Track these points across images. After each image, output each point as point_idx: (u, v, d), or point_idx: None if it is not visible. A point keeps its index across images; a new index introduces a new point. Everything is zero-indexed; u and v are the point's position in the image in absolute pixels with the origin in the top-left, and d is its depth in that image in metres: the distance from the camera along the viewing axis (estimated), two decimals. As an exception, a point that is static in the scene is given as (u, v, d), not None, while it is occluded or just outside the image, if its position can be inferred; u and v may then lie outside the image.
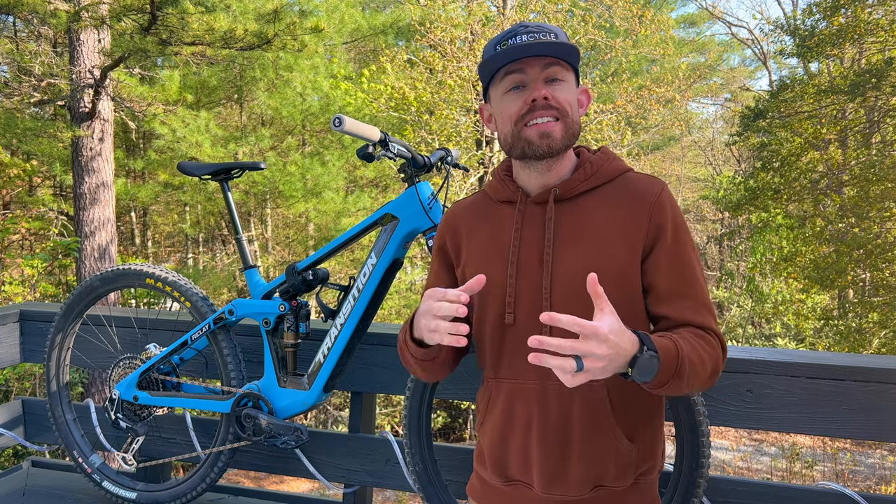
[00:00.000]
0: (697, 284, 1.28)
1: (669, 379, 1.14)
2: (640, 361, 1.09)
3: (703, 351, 1.20)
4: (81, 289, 2.33)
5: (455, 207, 1.47)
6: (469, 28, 11.40)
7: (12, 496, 2.45)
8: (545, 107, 1.26)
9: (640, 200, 1.28)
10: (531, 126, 1.27)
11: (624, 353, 1.07)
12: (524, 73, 1.28)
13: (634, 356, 1.09)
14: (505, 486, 1.37)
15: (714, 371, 1.23)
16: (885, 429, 1.71)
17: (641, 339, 1.11)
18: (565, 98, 1.28)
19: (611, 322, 1.06)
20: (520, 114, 1.28)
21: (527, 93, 1.27)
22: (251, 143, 11.70)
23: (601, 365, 1.04)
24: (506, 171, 1.41)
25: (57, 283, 9.48)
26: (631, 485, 1.32)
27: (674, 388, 1.16)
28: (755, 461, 10.92)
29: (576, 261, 1.27)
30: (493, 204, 1.41)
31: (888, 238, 11.97)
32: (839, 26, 12.06)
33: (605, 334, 1.04)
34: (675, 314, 1.26)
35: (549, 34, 1.27)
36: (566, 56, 1.27)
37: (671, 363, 1.13)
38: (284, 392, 2.05)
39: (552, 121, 1.27)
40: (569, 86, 1.30)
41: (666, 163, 22.63)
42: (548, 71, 1.27)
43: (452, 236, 1.43)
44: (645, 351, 1.10)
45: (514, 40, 1.27)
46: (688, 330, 1.24)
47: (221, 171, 2.20)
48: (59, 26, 6.48)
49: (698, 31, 24.98)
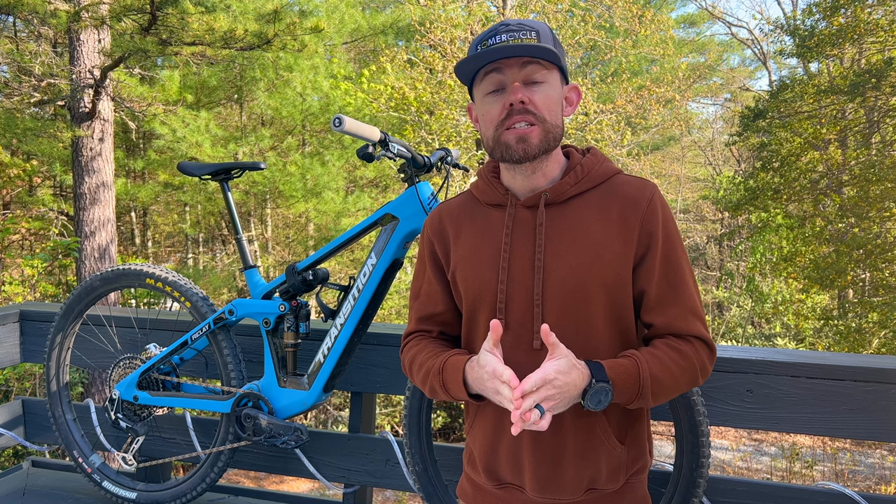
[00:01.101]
0: (686, 291, 1.29)
1: (633, 399, 1.21)
2: (589, 393, 1.17)
3: (674, 365, 1.24)
4: (81, 289, 2.32)
5: (440, 209, 1.45)
6: (469, 28, 11.40)
7: (12, 496, 2.45)
8: (522, 111, 1.24)
9: (631, 206, 1.28)
10: (511, 130, 1.25)
11: (574, 388, 1.15)
12: (502, 74, 1.26)
13: (584, 389, 1.17)
14: (497, 489, 1.36)
15: (692, 380, 1.27)
16: (885, 429, 1.71)
17: (592, 372, 1.18)
18: (543, 101, 1.25)
19: (558, 364, 1.15)
20: (499, 118, 1.26)
21: (505, 96, 1.26)
22: (251, 143, 11.70)
23: (553, 403, 1.14)
24: (492, 171, 1.39)
25: (57, 283, 9.47)
26: (622, 485, 1.32)
27: (642, 405, 1.23)
28: (755, 461, 10.92)
29: (567, 266, 1.26)
30: (480, 206, 1.38)
31: (888, 238, 11.97)
32: (839, 26, 12.06)
33: (553, 377, 1.13)
34: (660, 322, 1.29)
35: (530, 33, 1.25)
36: (544, 56, 1.24)
37: (629, 386, 1.19)
38: (284, 392, 2.05)
39: (528, 126, 1.25)
40: (549, 86, 1.27)
41: (666, 163, 22.62)
42: (525, 71, 1.25)
43: (440, 239, 1.41)
44: (594, 383, 1.17)
45: (493, 40, 1.25)
46: (665, 342, 1.27)
47: (221, 172, 2.20)
48: (59, 26, 6.48)
49: (698, 31, 24.98)
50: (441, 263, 1.42)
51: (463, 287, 1.36)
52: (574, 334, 1.25)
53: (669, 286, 1.28)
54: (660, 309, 1.28)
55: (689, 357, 1.26)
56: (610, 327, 1.27)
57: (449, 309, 1.43)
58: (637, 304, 1.31)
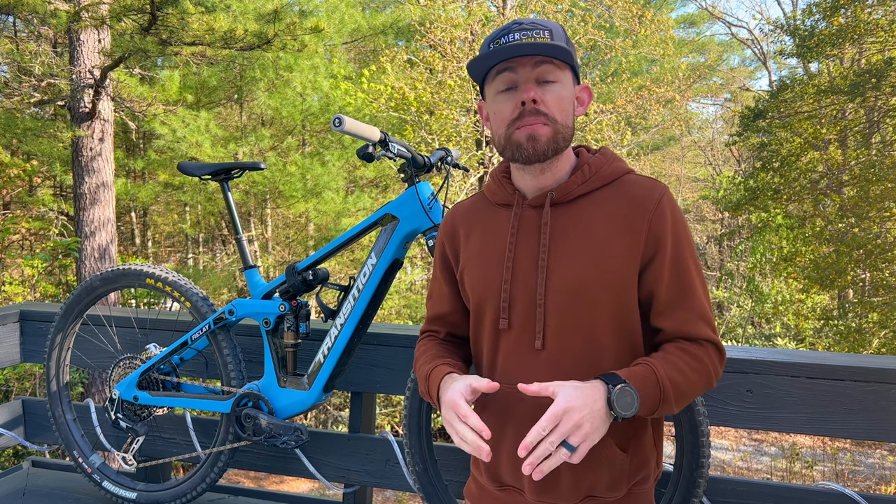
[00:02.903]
0: (695, 295, 1.26)
1: (657, 405, 1.17)
2: (614, 400, 1.12)
3: (689, 369, 1.21)
4: (81, 289, 2.32)
5: (454, 210, 1.46)
6: (469, 28, 11.40)
7: (12, 496, 2.45)
8: (534, 112, 1.24)
9: (639, 207, 1.26)
10: (521, 129, 1.25)
11: (597, 404, 1.11)
12: (515, 73, 1.25)
13: (608, 399, 1.12)
14: (498, 490, 1.36)
15: (707, 383, 1.25)
16: (885, 429, 1.71)
17: (605, 380, 1.15)
18: (555, 101, 1.25)
19: (565, 393, 1.11)
20: (511, 118, 1.26)
21: (517, 94, 1.26)
22: (251, 143, 11.70)
23: (586, 430, 1.09)
24: (503, 172, 1.39)
25: (57, 283, 9.47)
26: (624, 495, 1.30)
27: (666, 410, 1.19)
28: (755, 461, 10.92)
29: (571, 267, 1.25)
30: (490, 206, 1.39)
31: (888, 238, 11.97)
32: (839, 26, 12.06)
33: (564, 408, 1.09)
34: (669, 326, 1.27)
35: (543, 31, 1.24)
36: (557, 55, 1.24)
37: (651, 390, 1.16)
38: (284, 392, 2.05)
39: (540, 125, 1.24)
40: (562, 86, 1.27)
41: (666, 163, 22.64)
42: (538, 70, 1.25)
43: (451, 240, 1.42)
44: (613, 388, 1.13)
45: (506, 38, 1.24)
46: (677, 346, 1.25)
47: (221, 172, 2.20)
48: (59, 26, 6.48)
49: (698, 31, 24.98)
50: (451, 264, 1.43)
51: (469, 287, 1.36)
52: (577, 336, 1.24)
53: (678, 290, 1.26)
54: (669, 313, 1.26)
55: (703, 360, 1.24)
56: (614, 329, 1.25)
57: (456, 310, 1.44)
58: (645, 308, 1.29)
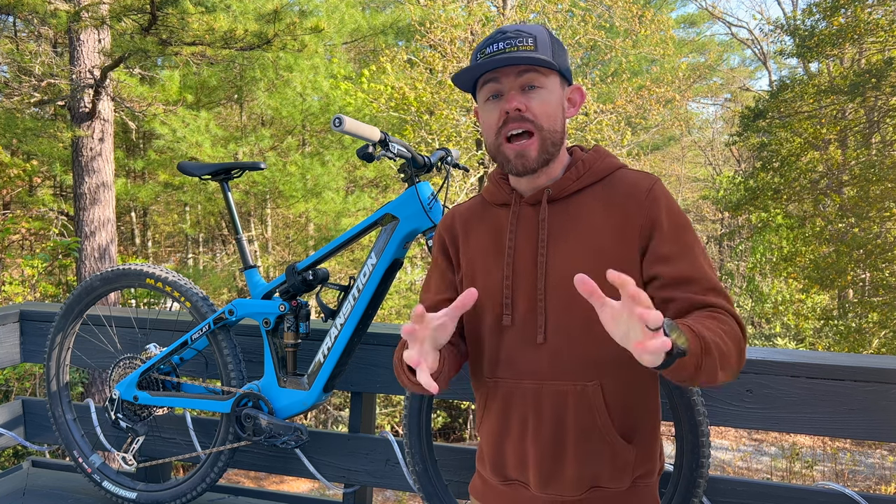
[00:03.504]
0: (700, 269, 1.21)
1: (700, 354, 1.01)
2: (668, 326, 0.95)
3: (720, 330, 1.09)
4: (81, 289, 2.32)
5: (452, 212, 1.47)
6: (469, 28, 11.40)
7: (12, 496, 2.45)
8: (519, 118, 1.25)
9: (632, 197, 1.27)
10: (510, 145, 1.27)
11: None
12: (499, 83, 1.27)
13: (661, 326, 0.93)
14: (503, 485, 1.37)
15: (739, 350, 1.12)
16: (885, 429, 1.71)
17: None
18: (541, 107, 1.26)
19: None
20: (497, 126, 1.28)
21: (502, 103, 1.27)
22: (251, 143, 11.71)
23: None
24: (501, 174, 1.41)
25: (57, 283, 9.47)
26: (629, 487, 1.31)
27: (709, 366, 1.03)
28: (755, 461, 10.92)
29: (569, 261, 1.26)
30: (489, 207, 1.41)
31: (888, 238, 11.97)
32: (839, 26, 12.06)
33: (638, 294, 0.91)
34: (680, 296, 1.19)
35: (527, 39, 1.25)
36: (538, 64, 1.25)
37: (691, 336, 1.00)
38: (284, 392, 2.05)
39: (527, 138, 1.26)
40: (548, 91, 1.27)
41: (666, 163, 22.64)
42: (523, 79, 1.25)
43: (451, 241, 1.44)
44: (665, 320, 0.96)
45: (491, 48, 1.26)
46: (695, 313, 1.16)
47: (221, 172, 2.20)
48: (59, 26, 6.48)
49: (698, 31, 24.99)
50: (448, 262, 1.44)
51: (470, 285, 1.37)
52: (578, 329, 1.25)
53: (683, 264, 1.21)
54: (676, 287, 1.20)
55: (728, 323, 1.13)
56: None
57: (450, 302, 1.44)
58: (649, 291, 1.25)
